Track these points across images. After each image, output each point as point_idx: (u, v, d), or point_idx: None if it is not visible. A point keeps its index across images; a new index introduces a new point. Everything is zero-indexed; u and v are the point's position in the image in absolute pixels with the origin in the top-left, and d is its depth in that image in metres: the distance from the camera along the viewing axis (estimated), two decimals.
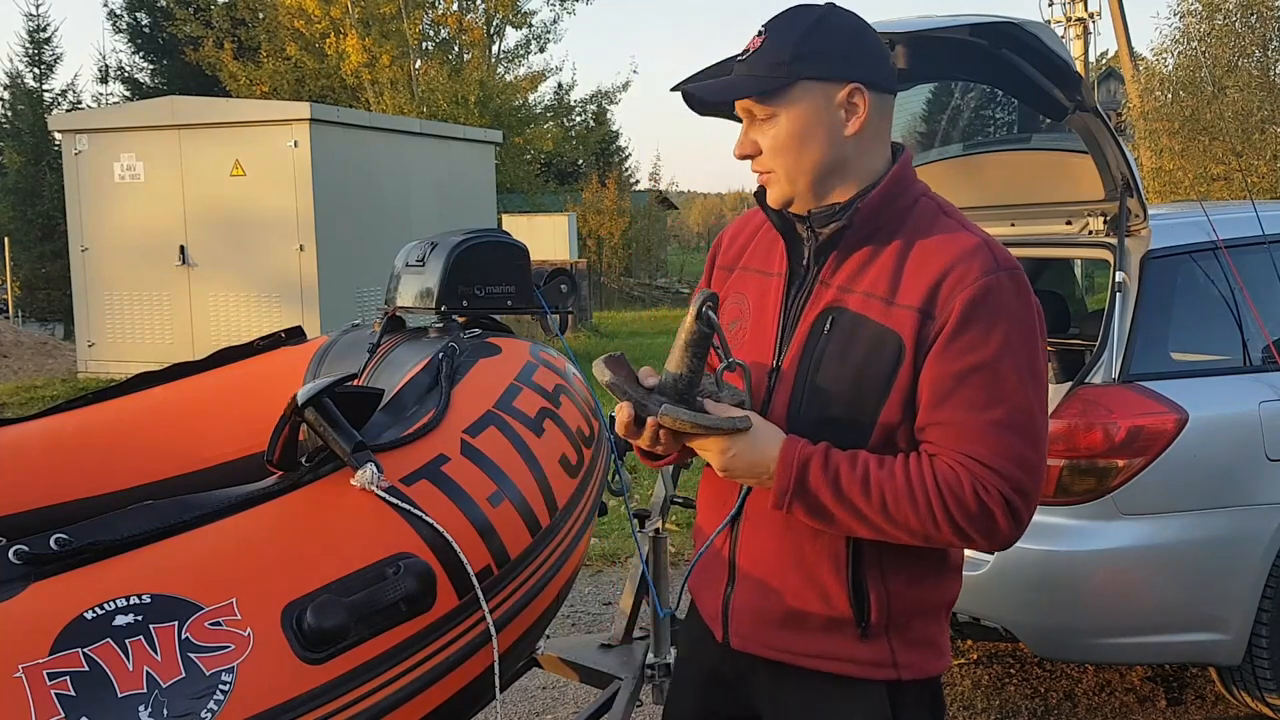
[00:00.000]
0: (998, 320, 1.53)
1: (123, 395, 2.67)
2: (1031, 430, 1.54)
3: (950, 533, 1.53)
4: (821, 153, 1.60)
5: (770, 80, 1.58)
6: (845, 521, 1.56)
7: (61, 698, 1.38)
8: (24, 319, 18.33)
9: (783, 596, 1.67)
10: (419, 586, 1.77)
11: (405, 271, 2.69)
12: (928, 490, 1.53)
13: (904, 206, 1.63)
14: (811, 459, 1.55)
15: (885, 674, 1.65)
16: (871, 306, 1.59)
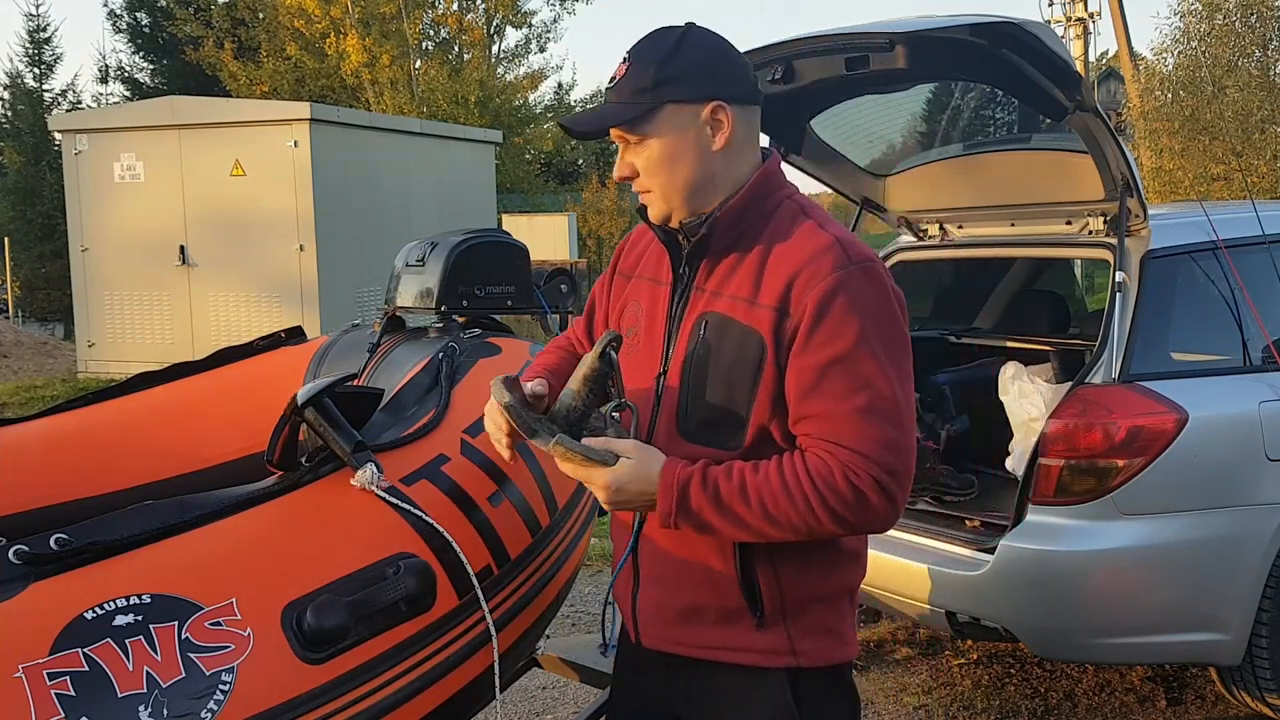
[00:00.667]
0: (851, 312, 1.58)
1: (123, 395, 2.67)
2: (894, 414, 1.59)
3: (830, 521, 1.58)
4: (692, 170, 1.68)
5: (637, 107, 1.66)
6: (731, 532, 1.62)
7: (61, 698, 1.38)
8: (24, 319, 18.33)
9: (680, 592, 1.74)
10: (419, 586, 1.77)
11: (405, 271, 2.69)
12: (801, 484, 1.58)
13: (766, 210, 1.70)
14: (690, 479, 1.61)
15: (784, 661, 1.71)
16: (737, 308, 1.67)
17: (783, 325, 1.62)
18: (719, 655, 1.73)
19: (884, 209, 4.68)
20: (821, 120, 4.20)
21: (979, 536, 3.53)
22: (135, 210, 10.88)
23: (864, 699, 3.96)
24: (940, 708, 3.88)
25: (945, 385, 4.58)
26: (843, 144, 4.43)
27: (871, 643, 4.44)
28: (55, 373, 12.21)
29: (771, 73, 3.56)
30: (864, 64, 3.35)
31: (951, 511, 3.81)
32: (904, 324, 1.65)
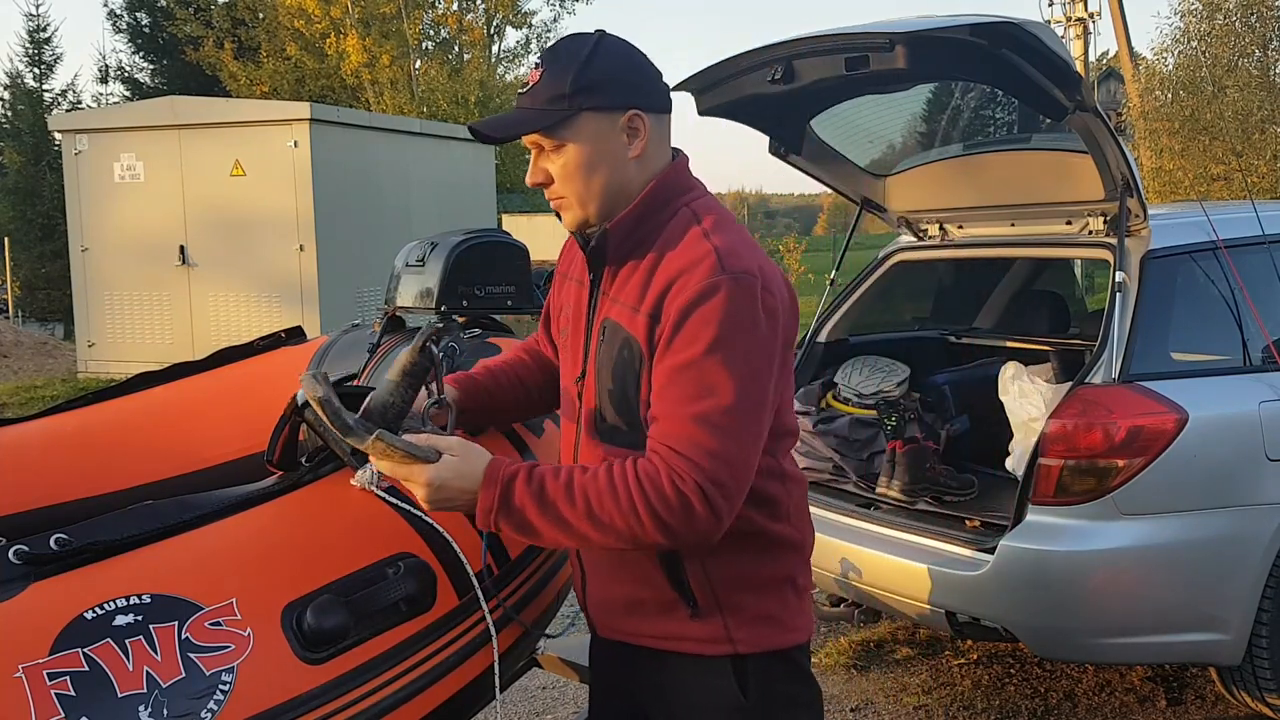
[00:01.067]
0: (708, 321, 1.58)
1: (123, 395, 2.67)
2: (733, 426, 1.58)
3: (654, 527, 1.57)
4: (608, 177, 1.70)
5: (553, 114, 1.67)
6: (554, 535, 1.61)
7: (61, 698, 1.38)
8: (24, 319, 18.33)
9: (619, 585, 1.78)
10: (419, 586, 1.77)
11: (405, 271, 2.69)
12: (629, 484, 1.58)
13: (662, 219, 1.71)
14: (516, 475, 1.61)
15: (721, 649, 1.73)
16: (624, 315, 1.69)
17: (653, 332, 1.64)
18: (664, 644, 1.76)
19: (884, 209, 4.68)
20: (821, 120, 4.21)
21: (979, 536, 3.53)
22: (135, 210, 10.88)
23: (864, 699, 3.96)
24: (940, 708, 3.88)
25: (945, 385, 4.59)
26: (843, 144, 4.43)
27: (871, 643, 4.44)
28: (55, 373, 12.21)
29: (771, 73, 3.56)
30: (864, 64, 3.35)
31: (951, 511, 3.82)
32: (772, 338, 1.63)
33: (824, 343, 4.64)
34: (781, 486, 1.75)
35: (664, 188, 1.72)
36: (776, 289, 1.64)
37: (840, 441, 4.18)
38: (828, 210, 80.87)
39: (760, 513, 1.72)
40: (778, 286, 1.65)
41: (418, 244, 2.73)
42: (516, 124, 1.70)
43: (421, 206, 12.14)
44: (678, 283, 1.61)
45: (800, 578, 1.80)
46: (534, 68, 1.70)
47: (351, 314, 9.88)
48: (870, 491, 4.02)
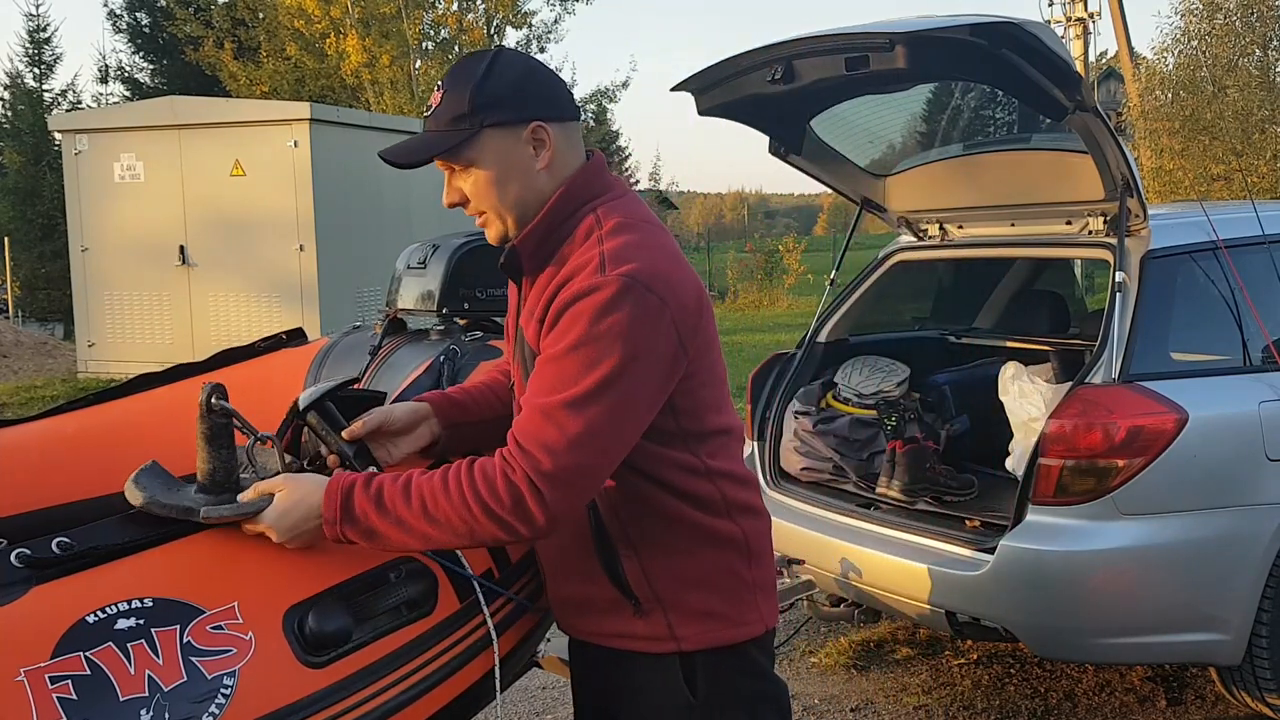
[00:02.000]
0: (579, 318, 1.59)
1: (124, 396, 2.67)
2: (579, 421, 1.57)
3: (486, 520, 1.58)
4: (520, 190, 1.72)
5: (456, 135, 1.69)
6: (398, 537, 1.62)
7: (63, 701, 1.38)
8: (24, 319, 18.32)
9: (567, 584, 1.83)
10: (420, 590, 1.78)
11: (406, 274, 2.69)
12: (460, 480, 1.60)
13: (566, 230, 1.72)
14: (355, 484, 1.64)
15: (667, 647, 1.75)
16: (529, 325, 1.72)
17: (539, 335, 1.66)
18: (613, 642, 1.79)
19: (884, 209, 4.68)
20: (821, 120, 4.21)
21: (979, 536, 3.53)
22: (135, 210, 10.88)
23: (864, 699, 3.96)
24: (940, 708, 3.89)
25: (945, 385, 4.59)
26: (843, 144, 4.43)
27: (871, 643, 4.44)
28: (55, 373, 12.21)
29: (771, 73, 3.56)
30: (864, 64, 3.35)
31: (951, 511, 3.82)
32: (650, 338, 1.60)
33: (824, 343, 4.64)
34: (709, 483, 1.75)
35: (569, 196, 1.72)
36: (664, 289, 1.62)
37: (840, 441, 4.18)
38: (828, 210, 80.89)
39: (687, 506, 1.73)
40: (666, 287, 1.62)
41: (419, 246, 2.73)
42: (422, 149, 1.72)
43: (421, 206, 12.14)
44: (564, 288, 1.63)
45: (748, 572, 1.79)
46: (436, 89, 1.72)
47: (351, 314, 9.89)
48: (870, 491, 4.02)
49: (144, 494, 1.66)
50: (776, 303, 20.45)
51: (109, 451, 2.53)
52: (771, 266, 22.56)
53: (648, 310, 1.60)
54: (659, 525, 1.73)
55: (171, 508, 1.65)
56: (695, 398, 1.72)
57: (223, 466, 1.71)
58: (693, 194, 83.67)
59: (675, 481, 1.73)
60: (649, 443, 1.69)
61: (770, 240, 31.33)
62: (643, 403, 1.63)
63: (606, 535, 1.74)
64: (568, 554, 1.80)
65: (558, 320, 1.61)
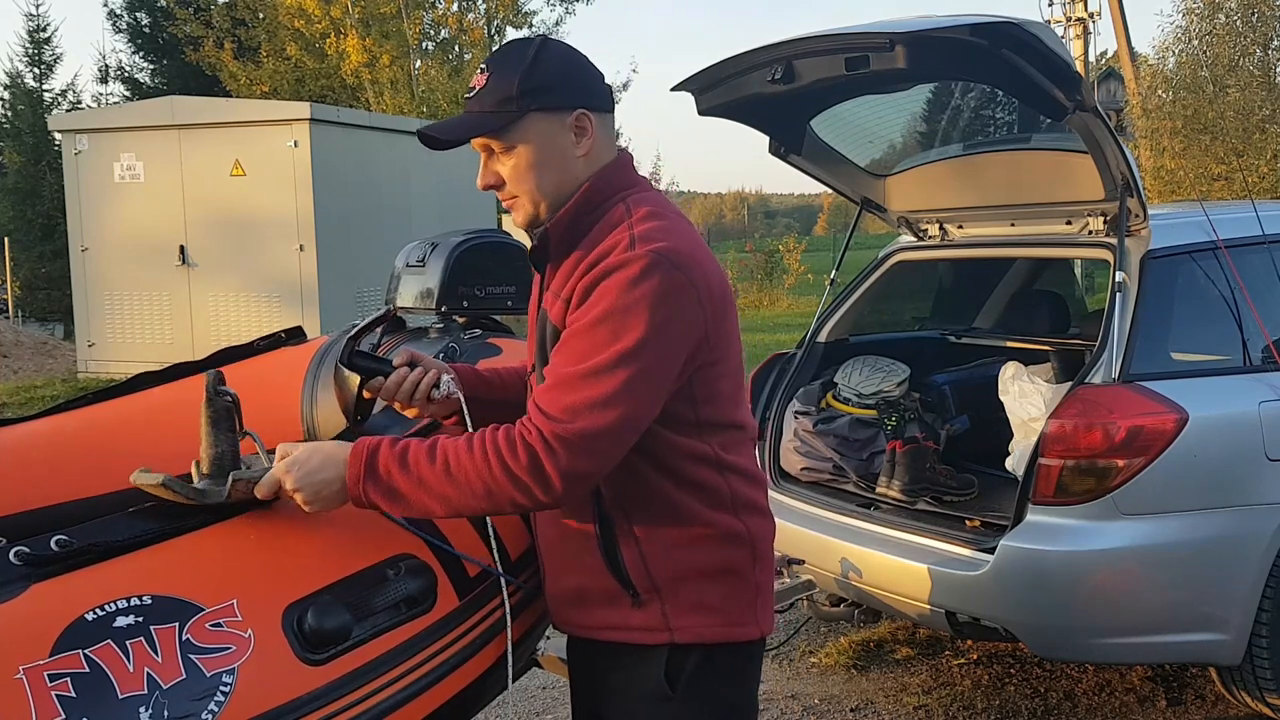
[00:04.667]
0: (607, 292, 1.62)
1: (123, 395, 2.66)
2: (593, 389, 1.59)
3: (505, 480, 1.60)
4: (558, 175, 1.75)
5: (502, 116, 1.72)
6: (414, 495, 1.63)
7: (62, 699, 1.38)
8: (24, 319, 18.31)
9: (565, 577, 1.83)
10: (419, 587, 1.78)
11: (405, 272, 2.69)
12: (485, 441, 1.62)
13: (596, 216, 1.75)
14: (381, 443, 1.66)
15: (659, 638, 1.75)
16: (554, 306, 1.74)
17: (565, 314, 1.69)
18: (606, 635, 1.79)
19: (884, 209, 4.68)
20: (821, 120, 4.21)
21: (979, 536, 3.53)
22: (135, 210, 10.88)
23: (864, 699, 3.96)
24: (940, 708, 3.88)
25: (945, 385, 4.59)
26: (843, 144, 4.43)
27: (871, 643, 4.44)
28: (55, 373, 12.21)
29: (771, 73, 3.56)
30: (864, 64, 3.36)
31: (951, 511, 3.82)
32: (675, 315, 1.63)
33: (824, 343, 4.64)
34: (719, 476, 1.76)
35: (601, 184, 1.76)
36: (693, 270, 1.65)
37: (840, 441, 4.18)
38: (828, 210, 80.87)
39: (693, 496, 1.74)
40: (695, 268, 1.65)
41: (418, 244, 2.73)
42: (467, 127, 1.75)
43: (421, 206, 12.14)
44: (593, 268, 1.66)
45: (751, 573, 1.80)
46: (480, 72, 1.74)
47: (351, 314, 9.89)
48: (870, 491, 4.02)
49: (160, 475, 1.67)
50: (776, 303, 20.46)
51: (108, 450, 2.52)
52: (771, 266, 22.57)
53: (675, 287, 1.62)
54: (663, 514, 1.74)
55: (187, 489, 1.67)
56: (714, 388, 1.74)
57: (229, 450, 1.73)
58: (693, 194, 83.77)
59: (685, 470, 1.73)
60: (662, 429, 1.70)
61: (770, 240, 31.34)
62: (663, 376, 1.64)
63: (609, 523, 1.74)
64: (568, 544, 1.80)
65: (587, 295, 1.64)
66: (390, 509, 1.66)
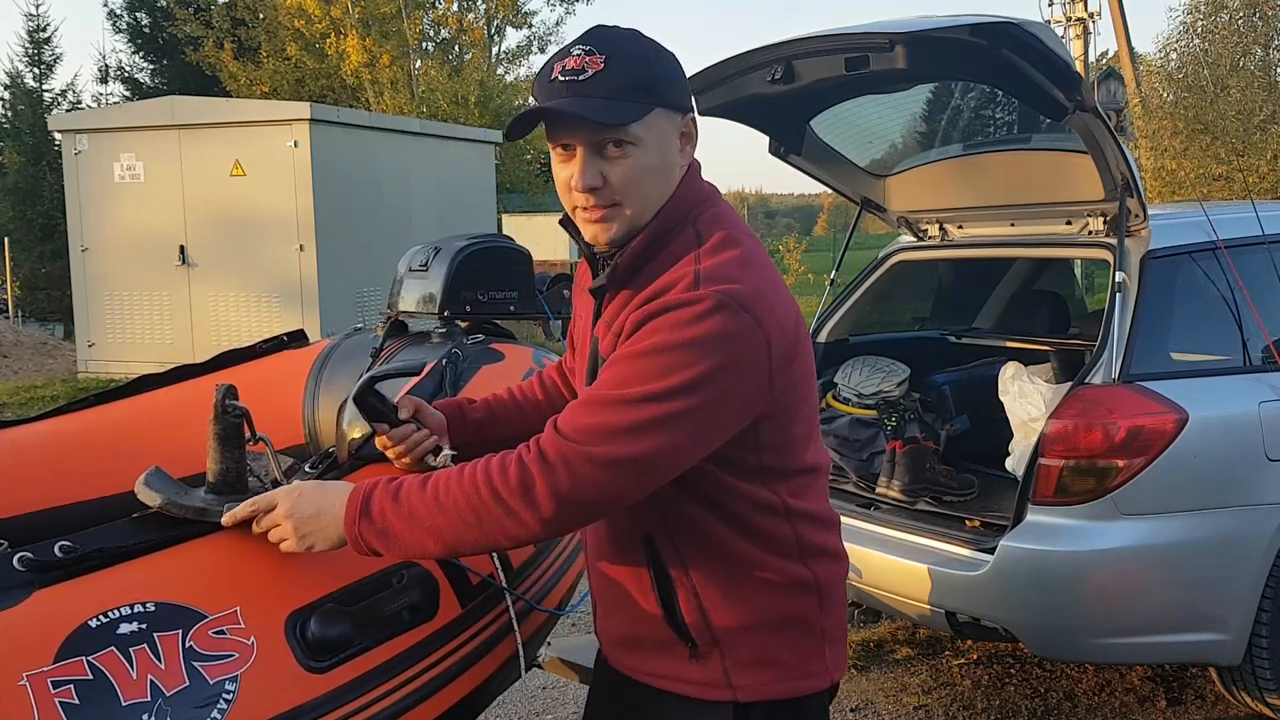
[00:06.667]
0: (656, 330, 1.47)
1: (125, 397, 2.67)
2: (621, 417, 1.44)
3: (493, 503, 1.45)
4: (663, 186, 1.58)
5: (636, 108, 1.51)
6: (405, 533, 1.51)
7: (65, 706, 1.38)
8: (24, 319, 18.32)
9: (618, 619, 1.71)
10: (422, 595, 1.78)
11: (408, 276, 2.69)
12: (476, 467, 1.49)
13: (663, 245, 1.58)
14: (378, 483, 1.55)
15: (721, 694, 1.62)
16: (605, 338, 1.60)
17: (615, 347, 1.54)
18: (662, 684, 1.66)
19: (884, 209, 4.69)
20: (821, 120, 4.21)
21: (979, 536, 3.54)
22: (135, 210, 10.88)
23: (864, 699, 3.97)
24: (940, 708, 3.89)
25: (945, 385, 4.59)
26: (843, 144, 4.44)
27: (871, 643, 4.44)
28: (55, 373, 12.21)
29: (771, 73, 3.57)
30: (864, 64, 3.36)
31: (951, 511, 3.82)
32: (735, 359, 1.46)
33: (824, 343, 4.65)
34: (786, 524, 1.62)
35: (677, 205, 1.59)
36: (762, 310, 1.48)
37: (840, 441, 4.18)
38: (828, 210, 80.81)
39: (756, 545, 1.60)
40: (764, 308, 1.49)
41: (421, 248, 2.73)
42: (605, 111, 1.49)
43: (421, 207, 12.14)
44: (650, 301, 1.51)
45: (819, 621, 1.66)
46: (586, 54, 1.51)
47: (351, 314, 9.90)
48: (870, 491, 4.03)
49: (160, 495, 1.66)
50: None
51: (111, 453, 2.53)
52: None
53: (739, 330, 1.46)
54: (724, 565, 1.60)
55: (187, 509, 1.65)
56: (786, 434, 1.59)
57: (235, 467, 1.71)
58: None
59: (749, 519, 1.59)
60: (724, 474, 1.56)
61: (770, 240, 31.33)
62: (706, 424, 1.47)
63: (665, 573, 1.61)
64: (622, 590, 1.67)
65: (637, 329, 1.49)
66: (385, 550, 1.54)
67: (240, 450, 1.72)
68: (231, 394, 1.69)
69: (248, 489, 1.73)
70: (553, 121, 1.53)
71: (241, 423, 1.70)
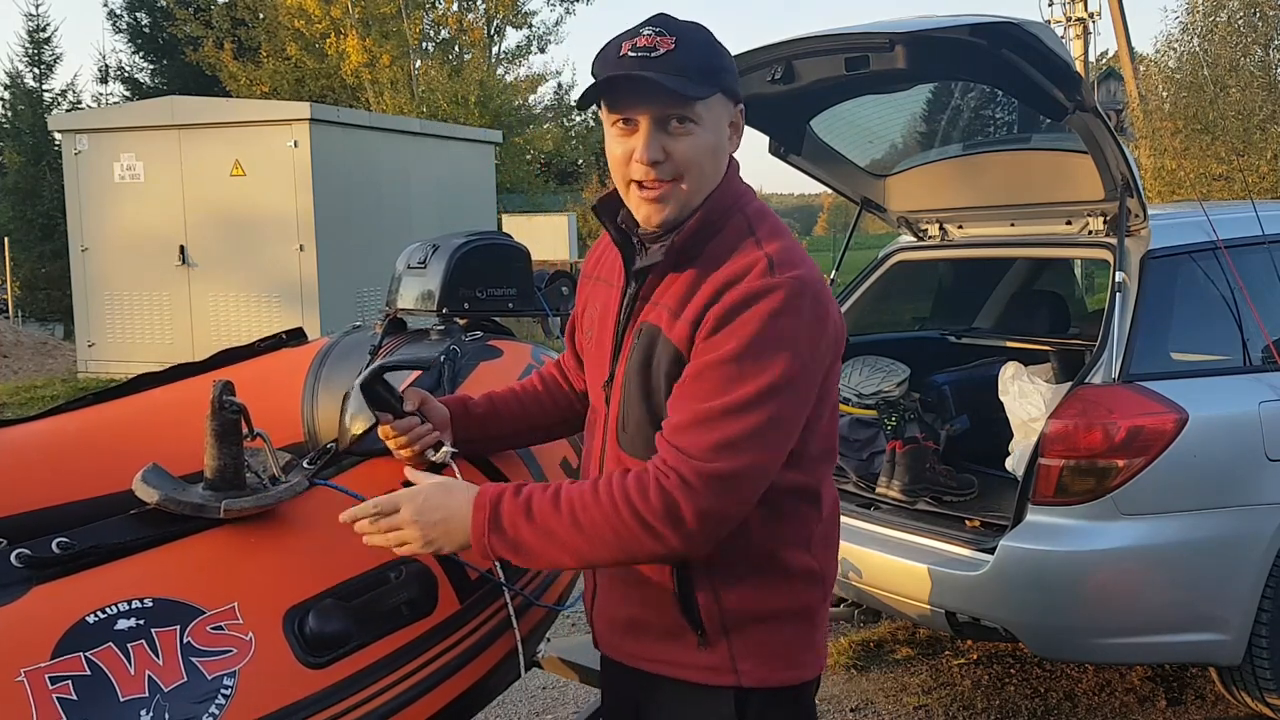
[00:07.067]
0: (750, 321, 1.51)
1: (124, 396, 2.67)
2: (732, 427, 1.49)
3: (640, 530, 1.49)
4: (718, 169, 1.63)
5: (703, 88, 1.56)
6: (540, 548, 1.54)
7: (63, 701, 1.38)
8: (24, 319, 18.31)
9: (626, 605, 1.72)
10: (420, 590, 1.78)
11: (406, 274, 2.69)
12: (612, 487, 1.51)
13: (716, 228, 1.63)
14: (504, 493, 1.56)
15: (726, 679, 1.65)
16: (664, 319, 1.61)
17: (692, 337, 1.57)
18: (664, 669, 1.69)
19: (884, 209, 4.69)
20: (821, 120, 4.21)
21: (979, 536, 3.53)
22: (135, 210, 10.89)
23: (864, 699, 3.96)
24: (940, 708, 3.89)
25: (945, 385, 4.59)
26: (843, 144, 4.44)
27: (871, 643, 4.44)
28: (55, 373, 12.21)
29: (771, 73, 3.57)
30: (864, 64, 3.36)
31: (951, 511, 3.82)
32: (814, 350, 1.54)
33: None
34: (815, 511, 1.68)
35: (725, 192, 1.64)
36: (827, 300, 1.57)
37: (840, 441, 4.17)
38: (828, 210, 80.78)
39: (779, 533, 1.64)
40: (828, 298, 1.57)
41: (419, 246, 2.73)
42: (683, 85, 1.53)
43: (421, 206, 12.15)
44: (728, 289, 1.54)
45: (819, 610, 1.71)
46: (657, 34, 1.56)
47: (351, 314, 9.90)
48: (870, 491, 4.02)
49: (158, 491, 1.66)
50: None
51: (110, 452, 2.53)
52: None
53: (816, 318, 1.54)
54: (745, 553, 1.63)
55: (185, 504, 1.65)
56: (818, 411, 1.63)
57: (232, 463, 1.71)
58: None
59: (783, 505, 1.63)
60: None
61: None
62: (801, 413, 1.55)
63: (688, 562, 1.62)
64: (635, 574, 1.68)
65: (724, 322, 1.52)
66: (517, 561, 1.57)
67: (238, 446, 1.72)
68: (228, 390, 1.69)
69: (245, 485, 1.72)
70: (627, 91, 1.56)
71: (239, 419, 1.70)
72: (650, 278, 1.65)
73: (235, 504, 1.65)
